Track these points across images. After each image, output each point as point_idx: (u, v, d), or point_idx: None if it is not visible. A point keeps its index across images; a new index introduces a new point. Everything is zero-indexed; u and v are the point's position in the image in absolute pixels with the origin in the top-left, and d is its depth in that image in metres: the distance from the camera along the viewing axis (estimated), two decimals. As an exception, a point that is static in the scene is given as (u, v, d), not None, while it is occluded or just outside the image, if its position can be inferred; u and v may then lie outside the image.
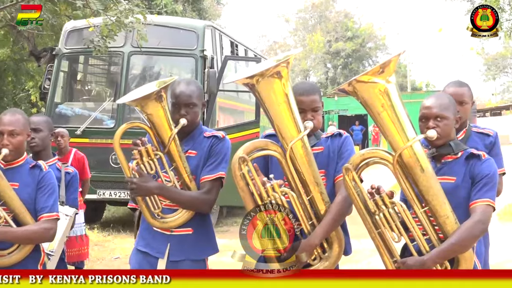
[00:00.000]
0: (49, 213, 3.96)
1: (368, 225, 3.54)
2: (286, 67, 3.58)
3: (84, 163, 8.32)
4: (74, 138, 10.50)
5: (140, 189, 3.96)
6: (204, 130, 4.19)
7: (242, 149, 3.70)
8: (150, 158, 3.99)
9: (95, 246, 10.65)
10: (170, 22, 13.25)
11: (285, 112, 3.63)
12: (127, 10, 9.83)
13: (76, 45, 12.63)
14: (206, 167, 4.06)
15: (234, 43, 14.97)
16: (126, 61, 12.45)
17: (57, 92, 12.82)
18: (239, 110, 15.07)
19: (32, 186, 4.00)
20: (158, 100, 3.97)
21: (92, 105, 12.99)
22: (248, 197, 3.68)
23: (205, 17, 26.45)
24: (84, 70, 14.57)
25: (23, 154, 4.10)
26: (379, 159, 3.55)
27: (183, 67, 13.08)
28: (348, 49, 50.59)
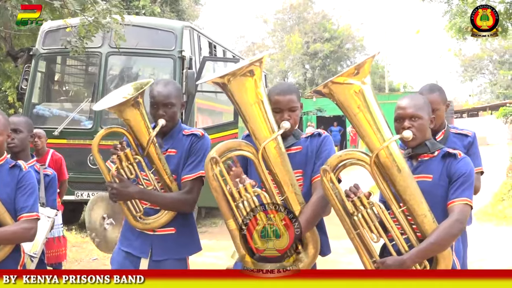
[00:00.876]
0: (29, 213, 3.95)
1: (346, 226, 3.57)
2: (259, 66, 3.60)
3: (61, 164, 8.29)
4: (51, 139, 10.48)
5: (120, 194, 3.97)
6: (183, 128, 4.21)
7: (214, 149, 3.72)
8: (130, 163, 4.01)
9: (73, 248, 10.61)
10: (148, 23, 13.23)
11: (257, 113, 3.64)
12: (105, 10, 9.79)
13: (53, 45, 12.57)
14: (186, 167, 4.08)
15: (212, 44, 14.97)
16: (104, 62, 12.42)
17: (34, 92, 12.76)
18: (218, 111, 15.08)
19: (11, 186, 3.98)
20: (135, 105, 4.00)
21: (70, 105, 12.94)
22: (221, 197, 3.68)
23: (184, 18, 26.41)
24: (62, 71, 14.50)
25: (3, 154, 4.08)
26: (356, 160, 3.58)
27: (161, 68, 13.06)
28: (326, 50, 50.69)
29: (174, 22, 15.60)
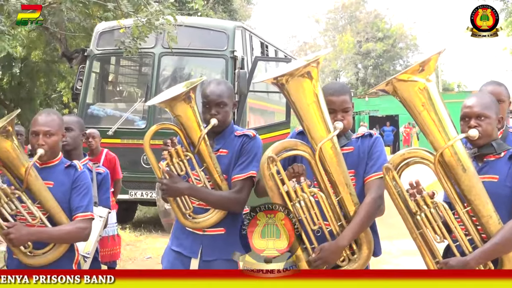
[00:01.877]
0: (84, 213, 3.98)
1: (409, 225, 3.52)
2: (316, 67, 3.57)
3: (115, 164, 8.36)
4: (105, 139, 10.58)
5: (170, 190, 3.98)
6: (235, 129, 4.20)
7: (271, 149, 3.70)
8: (180, 159, 4.01)
9: (127, 246, 10.71)
10: (201, 23, 13.29)
11: (314, 112, 3.61)
12: (158, 11, 9.86)
13: (107, 46, 12.71)
14: (237, 166, 4.07)
15: (264, 43, 14.97)
16: (157, 62, 12.51)
17: (89, 93, 12.92)
18: (270, 110, 15.07)
19: (66, 186, 4.02)
20: (187, 101, 3.98)
21: (124, 105, 13.07)
22: (277, 197, 3.67)
23: (236, 18, 26.48)
24: (115, 71, 14.66)
25: (59, 154, 4.12)
26: (420, 159, 3.53)
27: (213, 68, 13.10)
28: (379, 50, 50.31)
29: (226, 22, 15.65)
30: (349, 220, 3.70)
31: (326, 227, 3.67)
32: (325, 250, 3.63)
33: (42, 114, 4.09)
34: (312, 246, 3.67)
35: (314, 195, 3.62)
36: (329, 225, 3.67)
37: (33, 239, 3.89)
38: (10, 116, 3.89)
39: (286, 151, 3.73)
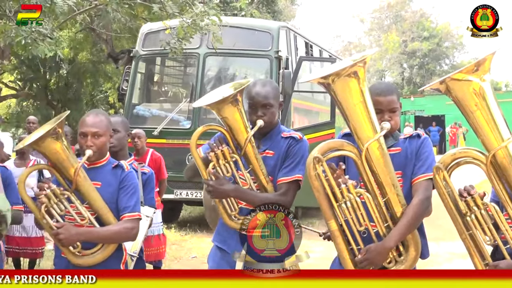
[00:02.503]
0: (131, 213, 4.00)
1: (458, 226, 3.48)
2: (362, 67, 3.55)
3: (161, 164, 8.43)
4: (151, 139, 10.66)
5: (216, 191, 3.99)
6: (282, 130, 4.18)
7: (317, 149, 3.68)
8: (227, 161, 4.02)
9: (173, 246, 10.77)
10: (245, 24, 13.31)
11: (361, 113, 3.58)
12: (203, 12, 9.91)
13: (152, 47, 12.81)
14: (283, 169, 4.06)
15: (308, 43, 14.93)
16: (202, 63, 12.56)
17: (134, 93, 13.03)
18: (314, 110, 15.03)
19: (114, 186, 4.04)
20: (234, 103, 3.98)
21: (169, 106, 13.15)
22: (323, 197, 3.65)
23: (280, 18, 26.47)
24: (161, 72, 14.77)
25: (106, 154, 4.15)
26: (471, 159, 3.48)
27: (258, 68, 13.12)
28: (425, 49, 49.82)
29: (270, 22, 15.65)
30: (395, 222, 3.66)
31: (373, 228, 3.64)
32: (372, 251, 3.60)
33: (90, 115, 4.11)
34: (358, 247, 3.64)
35: (361, 196, 3.59)
36: (375, 226, 3.64)
37: (82, 239, 3.93)
38: (60, 118, 3.93)
39: (332, 151, 3.71)
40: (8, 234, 8.00)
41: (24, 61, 22.18)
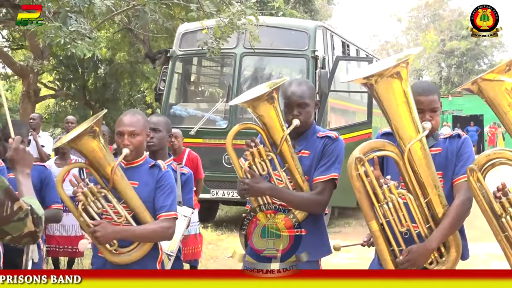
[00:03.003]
0: (168, 212, 4.02)
1: (493, 228, 3.43)
2: (405, 67, 3.52)
3: (197, 163, 8.44)
4: (187, 138, 10.69)
5: (252, 190, 3.98)
6: (318, 130, 4.16)
7: (358, 149, 3.65)
8: (262, 159, 4.01)
9: (209, 245, 10.79)
10: (282, 23, 13.29)
11: (403, 112, 3.55)
12: (240, 12, 9.90)
13: (189, 47, 12.85)
14: (319, 168, 4.03)
15: (345, 43, 14.87)
16: (239, 62, 12.57)
17: (171, 93, 13.09)
18: (351, 110, 14.95)
19: (151, 185, 4.06)
20: (270, 101, 3.97)
21: (205, 105, 13.19)
22: (364, 198, 3.62)
23: (317, 18, 26.42)
24: (197, 72, 14.81)
25: (143, 154, 4.17)
26: (506, 160, 3.43)
27: (294, 68, 13.09)
28: (463, 48, 49.37)
29: (307, 22, 15.61)
30: (437, 223, 3.63)
31: (414, 229, 3.61)
32: (413, 252, 3.58)
33: (127, 115, 4.14)
34: (399, 248, 3.62)
35: (402, 196, 3.56)
36: (417, 227, 3.61)
37: (118, 237, 3.95)
38: (97, 117, 3.96)
39: (374, 151, 3.68)
40: (48, 233, 8.09)
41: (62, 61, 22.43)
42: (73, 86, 24.79)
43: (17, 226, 2.74)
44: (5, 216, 2.69)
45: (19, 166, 3.17)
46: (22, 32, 20.19)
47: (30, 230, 2.78)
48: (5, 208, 2.69)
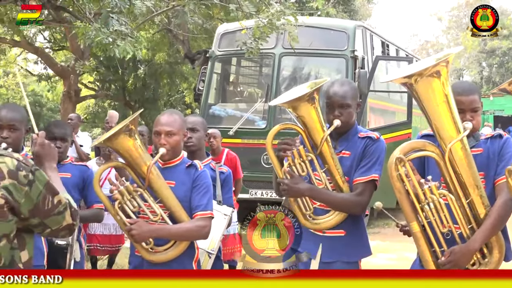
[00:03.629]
0: (204, 211, 4.03)
1: None
2: (445, 66, 3.48)
3: (236, 163, 8.45)
4: (226, 139, 10.71)
5: (291, 190, 3.97)
6: (360, 130, 4.14)
7: (399, 149, 3.62)
8: (302, 160, 4.00)
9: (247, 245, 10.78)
10: (321, 23, 13.24)
11: (444, 112, 3.52)
12: (279, 12, 9.89)
13: (228, 47, 12.87)
14: (359, 169, 4.01)
15: (385, 43, 14.78)
16: (277, 62, 12.55)
17: (210, 93, 13.13)
18: (390, 110, 14.85)
19: (187, 185, 4.08)
20: (310, 101, 3.95)
21: (244, 106, 13.19)
22: (405, 198, 3.59)
23: (356, 18, 26.30)
24: (236, 72, 14.83)
25: (180, 153, 4.19)
26: None
27: (333, 68, 13.05)
28: (504, 47, 48.77)
29: (346, 22, 15.55)
30: (479, 223, 3.59)
31: (456, 230, 3.57)
32: (456, 253, 3.54)
33: (165, 115, 4.17)
34: (441, 249, 3.58)
35: (444, 197, 3.53)
36: (459, 228, 3.58)
37: (154, 236, 3.97)
38: (133, 116, 3.99)
39: (415, 151, 3.65)
40: (89, 232, 8.17)
41: (102, 62, 22.65)
42: (113, 86, 25.03)
43: (56, 219, 2.77)
44: (46, 210, 2.73)
45: (46, 161, 3.20)
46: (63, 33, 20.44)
47: (68, 223, 2.81)
48: (46, 202, 2.73)
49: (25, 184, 2.68)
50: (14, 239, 2.72)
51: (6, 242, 2.68)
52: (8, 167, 2.67)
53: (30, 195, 2.69)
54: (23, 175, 2.68)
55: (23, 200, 2.67)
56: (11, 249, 2.71)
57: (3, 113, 4.31)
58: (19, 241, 2.75)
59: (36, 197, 2.70)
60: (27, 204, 2.68)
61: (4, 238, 2.67)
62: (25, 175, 2.68)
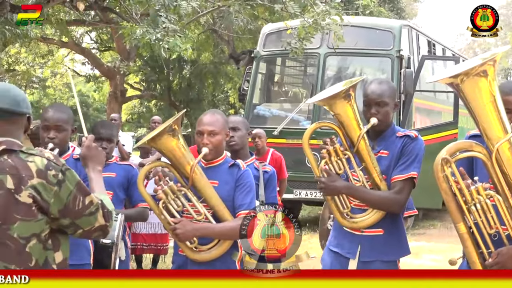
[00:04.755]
0: (247, 210, 4.01)
1: None
2: (492, 65, 3.43)
3: (281, 163, 8.44)
4: (271, 139, 10.71)
5: (328, 188, 3.96)
6: (397, 130, 4.11)
7: (445, 150, 3.58)
8: (339, 158, 3.98)
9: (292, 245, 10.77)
10: (366, 23, 13.17)
11: (491, 112, 3.46)
12: (324, 12, 9.87)
13: (273, 47, 12.89)
14: (397, 167, 3.98)
15: (431, 42, 14.64)
16: (322, 62, 12.53)
17: (255, 93, 13.16)
18: (436, 110, 14.71)
19: (230, 184, 4.08)
20: (347, 99, 3.95)
21: (289, 106, 13.20)
22: (451, 199, 3.55)
23: (402, 17, 26.11)
24: (281, 72, 14.84)
25: (222, 153, 4.20)
26: None
27: (378, 68, 12.98)
28: (554, 46, 48.07)
29: (392, 21, 15.45)
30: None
31: (504, 231, 3.51)
32: (503, 254, 3.48)
33: (207, 114, 4.18)
34: (488, 251, 3.53)
35: (491, 198, 3.47)
36: (506, 229, 3.51)
37: (198, 235, 3.99)
38: (176, 116, 4.01)
39: (461, 152, 3.60)
40: (134, 231, 8.25)
41: (148, 62, 22.85)
42: (158, 86, 25.22)
43: (88, 220, 2.79)
44: (76, 210, 2.75)
45: (91, 163, 3.25)
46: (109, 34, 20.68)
47: (100, 224, 2.83)
48: (77, 202, 2.75)
49: (54, 183, 2.70)
50: (48, 240, 2.74)
51: (36, 242, 2.70)
52: (37, 166, 2.70)
53: (59, 195, 2.71)
54: (52, 175, 2.70)
55: (53, 200, 2.70)
56: (44, 250, 2.74)
57: (50, 113, 4.35)
58: (53, 242, 2.77)
59: (66, 197, 2.72)
60: (56, 204, 2.71)
61: (34, 237, 2.69)
62: (54, 175, 2.70)
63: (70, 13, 14.54)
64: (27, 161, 2.70)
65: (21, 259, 2.70)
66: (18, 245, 2.68)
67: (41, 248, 2.72)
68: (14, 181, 2.67)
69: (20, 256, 2.69)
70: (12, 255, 2.69)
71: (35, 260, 2.71)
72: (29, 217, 2.67)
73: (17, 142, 2.78)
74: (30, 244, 2.68)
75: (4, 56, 21.50)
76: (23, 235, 2.68)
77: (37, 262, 2.72)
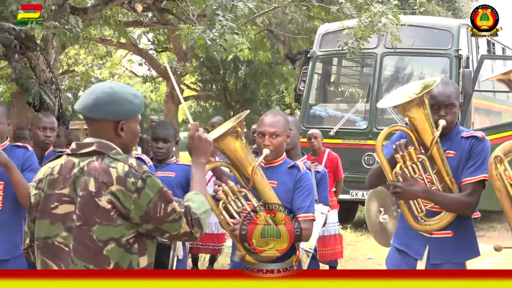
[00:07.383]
0: (306, 214, 3.99)
1: None
2: None
3: (337, 164, 8.42)
4: (327, 139, 10.68)
5: (405, 193, 3.90)
6: (461, 130, 4.06)
7: (499, 148, 3.54)
8: (413, 162, 3.93)
9: (348, 246, 10.72)
10: (424, 22, 13.04)
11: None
12: (381, 12, 9.79)
13: (329, 47, 12.84)
14: (467, 169, 3.93)
15: (490, 41, 14.39)
16: (379, 62, 12.45)
17: (311, 93, 13.14)
18: (496, 111, 14.48)
19: (289, 186, 4.06)
20: (421, 104, 3.89)
21: (345, 106, 13.14)
22: (505, 198, 3.50)
23: (460, 16, 25.76)
24: (337, 72, 14.79)
25: (283, 154, 4.18)
26: None
27: (436, 67, 12.83)
28: None
29: (450, 20, 15.28)
30: None
31: None
32: None
33: (269, 115, 4.16)
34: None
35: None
36: (275, 225, 3.49)
37: None
38: (240, 117, 4.01)
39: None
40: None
41: (204, 63, 22.98)
42: (214, 87, 25.35)
43: (172, 226, 2.80)
44: (158, 217, 2.75)
45: (193, 155, 3.23)
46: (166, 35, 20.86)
47: (185, 231, 2.82)
48: (158, 210, 2.75)
49: (133, 191, 2.71)
50: (133, 244, 2.76)
51: (115, 246, 2.72)
52: (117, 173, 2.72)
53: (138, 202, 2.72)
54: (131, 182, 2.72)
55: (133, 207, 2.72)
56: (129, 254, 2.76)
57: None
58: (139, 247, 2.79)
59: (146, 204, 2.73)
60: (137, 211, 2.72)
61: (112, 241, 2.72)
62: (133, 182, 2.72)
63: (128, 14, 14.72)
64: (110, 166, 2.74)
65: (99, 260, 2.72)
66: (97, 247, 2.71)
67: (123, 252, 2.74)
68: (96, 185, 2.71)
69: (98, 257, 2.72)
70: (90, 255, 2.72)
71: (114, 263, 2.73)
72: (107, 222, 2.70)
73: (109, 145, 2.82)
74: (107, 248, 2.71)
75: (64, 57, 21.86)
76: (101, 238, 2.71)
77: (117, 265, 2.74)
